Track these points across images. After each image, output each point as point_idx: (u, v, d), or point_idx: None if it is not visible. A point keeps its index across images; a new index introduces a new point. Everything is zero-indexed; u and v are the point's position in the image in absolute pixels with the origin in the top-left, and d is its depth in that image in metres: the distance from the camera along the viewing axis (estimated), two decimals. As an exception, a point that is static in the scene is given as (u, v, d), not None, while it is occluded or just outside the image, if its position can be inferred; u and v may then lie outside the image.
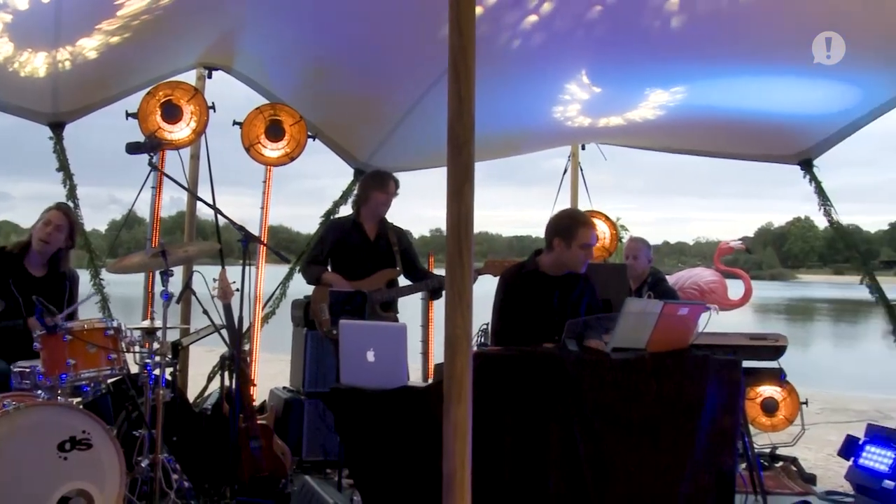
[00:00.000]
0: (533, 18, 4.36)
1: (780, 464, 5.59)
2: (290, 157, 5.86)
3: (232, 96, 6.71)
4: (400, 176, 5.27)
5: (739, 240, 6.77)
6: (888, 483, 4.49)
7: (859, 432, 4.95)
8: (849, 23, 4.17)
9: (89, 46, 4.75)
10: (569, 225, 4.16)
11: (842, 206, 6.14)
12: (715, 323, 4.31)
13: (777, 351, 4.21)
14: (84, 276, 5.11)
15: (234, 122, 5.80)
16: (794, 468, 5.59)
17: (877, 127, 5.62)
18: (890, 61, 4.34)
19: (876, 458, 4.68)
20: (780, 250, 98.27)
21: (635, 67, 4.71)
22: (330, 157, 6.52)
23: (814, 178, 6.14)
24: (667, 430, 3.48)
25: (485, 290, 4.40)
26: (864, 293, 6.38)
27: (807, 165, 6.16)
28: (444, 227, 2.08)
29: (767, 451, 5.77)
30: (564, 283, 4.22)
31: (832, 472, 5.31)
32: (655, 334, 3.46)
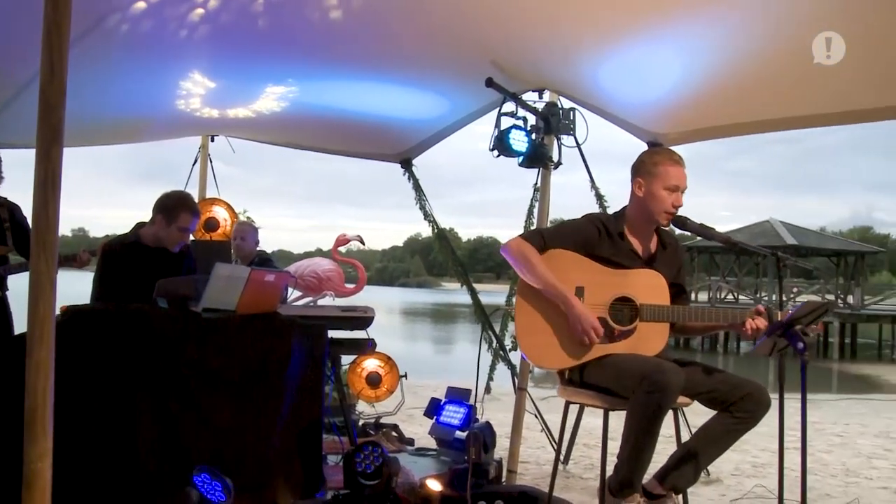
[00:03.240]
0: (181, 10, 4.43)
1: (384, 430, 6.33)
2: None
3: None
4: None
5: (356, 235, 7.47)
6: (459, 434, 5.34)
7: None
8: (435, 44, 4.84)
9: None
10: (173, 206, 4.41)
11: (490, 221, 7.02)
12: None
13: (366, 321, 4.81)
14: None
15: None
16: (395, 433, 6.36)
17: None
18: (467, 79, 5.10)
19: (452, 414, 5.51)
20: (427, 259, 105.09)
21: (252, 63, 4.99)
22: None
23: (412, 176, 6.91)
24: (257, 387, 3.79)
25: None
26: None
27: (407, 164, 6.91)
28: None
29: (373, 420, 6.53)
30: (164, 253, 4.45)
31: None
32: (244, 297, 3.78)
